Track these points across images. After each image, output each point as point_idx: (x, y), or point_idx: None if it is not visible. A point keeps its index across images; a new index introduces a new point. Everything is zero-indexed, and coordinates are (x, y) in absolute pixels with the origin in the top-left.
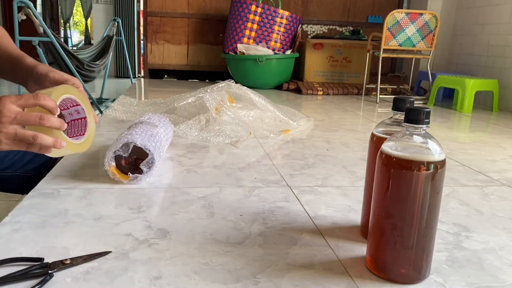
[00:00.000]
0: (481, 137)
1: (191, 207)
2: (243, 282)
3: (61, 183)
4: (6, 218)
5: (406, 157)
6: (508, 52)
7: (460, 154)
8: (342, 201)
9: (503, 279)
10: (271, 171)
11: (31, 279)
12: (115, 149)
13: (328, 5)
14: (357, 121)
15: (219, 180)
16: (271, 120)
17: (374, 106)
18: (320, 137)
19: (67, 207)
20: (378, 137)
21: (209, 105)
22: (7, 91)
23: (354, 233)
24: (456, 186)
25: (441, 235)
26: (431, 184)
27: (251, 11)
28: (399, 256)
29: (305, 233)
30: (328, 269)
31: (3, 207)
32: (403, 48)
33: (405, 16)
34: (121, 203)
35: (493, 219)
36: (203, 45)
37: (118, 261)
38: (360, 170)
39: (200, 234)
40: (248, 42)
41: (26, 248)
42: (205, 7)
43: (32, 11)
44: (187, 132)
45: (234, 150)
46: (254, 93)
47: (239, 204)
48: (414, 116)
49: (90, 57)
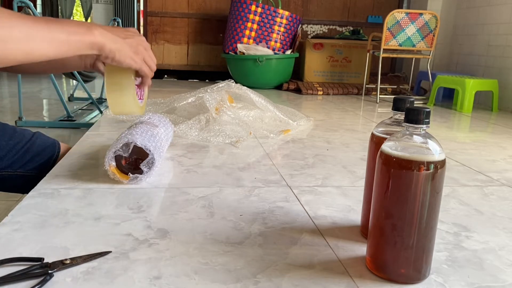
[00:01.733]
0: (481, 137)
1: (191, 207)
2: (243, 282)
3: (61, 183)
4: (6, 218)
5: (406, 157)
6: (508, 52)
7: (460, 154)
8: (342, 201)
9: (503, 279)
10: (271, 171)
11: (31, 279)
12: (115, 149)
13: (328, 5)
14: (357, 121)
15: (219, 180)
16: (271, 120)
17: (374, 106)
18: (320, 137)
19: (67, 207)
20: (378, 137)
21: (209, 105)
22: (7, 91)
23: (354, 233)
24: (456, 186)
25: (441, 235)
26: (431, 184)
27: (251, 11)
28: (399, 256)
29: (305, 233)
30: (328, 269)
31: (3, 207)
32: (403, 48)
33: (405, 16)
34: (121, 203)
35: (493, 219)
36: (203, 45)
37: (118, 261)
38: (360, 170)
39: (200, 234)
40: (248, 42)
41: (26, 248)
42: (205, 7)
43: (32, 11)
44: (187, 132)
45: (234, 150)
46: (254, 93)
47: (239, 204)
48: (414, 116)
49: None
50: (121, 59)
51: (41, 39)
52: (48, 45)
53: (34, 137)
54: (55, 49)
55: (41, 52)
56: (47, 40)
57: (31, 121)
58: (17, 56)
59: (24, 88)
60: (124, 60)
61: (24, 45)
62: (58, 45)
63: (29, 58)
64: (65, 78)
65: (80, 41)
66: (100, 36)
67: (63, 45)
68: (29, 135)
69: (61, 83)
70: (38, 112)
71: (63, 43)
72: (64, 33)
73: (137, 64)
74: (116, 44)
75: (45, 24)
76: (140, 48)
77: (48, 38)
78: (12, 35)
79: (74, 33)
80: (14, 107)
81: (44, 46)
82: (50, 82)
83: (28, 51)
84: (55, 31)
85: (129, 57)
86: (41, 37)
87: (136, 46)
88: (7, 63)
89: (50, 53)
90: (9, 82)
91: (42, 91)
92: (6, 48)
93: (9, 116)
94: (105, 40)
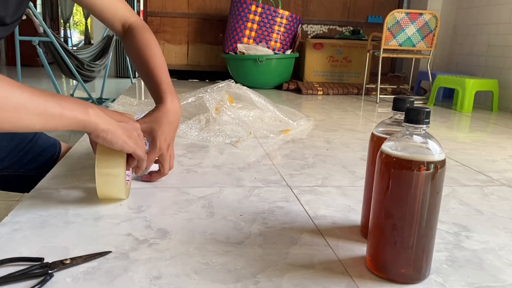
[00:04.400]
0: (481, 137)
1: (191, 207)
2: (243, 282)
3: (61, 183)
4: (6, 218)
5: (406, 157)
6: (508, 52)
7: (460, 154)
8: (342, 201)
9: (503, 279)
10: (271, 171)
11: (31, 279)
12: None
13: (328, 5)
14: (357, 121)
15: (219, 180)
16: (271, 120)
17: (374, 106)
18: (320, 137)
19: (67, 207)
20: (378, 137)
21: (209, 105)
22: None
23: (354, 233)
24: (456, 186)
25: (441, 235)
26: (431, 184)
27: (251, 11)
28: (399, 256)
29: (305, 233)
30: (328, 269)
31: (3, 207)
32: (403, 48)
33: (405, 16)
34: (121, 203)
35: (493, 219)
36: (203, 45)
37: (118, 261)
38: (360, 170)
39: (200, 234)
40: (248, 42)
41: (26, 248)
42: (205, 7)
43: (32, 11)
44: (187, 132)
45: (234, 150)
46: (254, 93)
47: (239, 204)
48: (414, 116)
49: (90, 57)
50: (113, 140)
51: (32, 111)
52: (38, 118)
53: (36, 137)
54: (44, 123)
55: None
56: (38, 113)
57: None
58: (3, 125)
59: None
60: (116, 142)
61: (13, 115)
62: (47, 119)
63: (15, 128)
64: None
65: (74, 118)
66: (94, 116)
67: (53, 119)
68: (30, 135)
69: (61, 83)
70: None
71: (53, 118)
72: (59, 108)
73: (130, 147)
74: (109, 125)
75: (42, 98)
76: (134, 134)
77: (40, 111)
78: (6, 104)
79: (69, 109)
80: None
81: (33, 119)
82: (50, 82)
83: (16, 122)
84: (50, 105)
85: (121, 139)
86: (33, 109)
87: (130, 130)
88: None
89: (36, 127)
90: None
91: None
92: None
93: None
94: (99, 121)
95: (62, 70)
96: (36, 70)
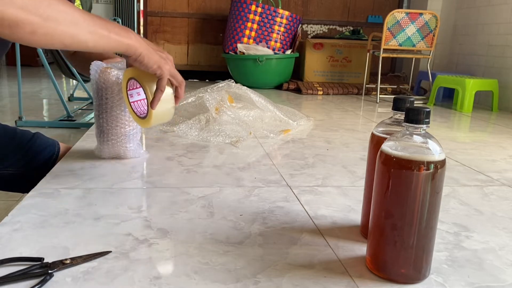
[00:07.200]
0: (481, 137)
1: (191, 207)
2: (243, 282)
3: (61, 183)
4: (6, 218)
5: (406, 157)
6: (508, 52)
7: (460, 154)
8: (342, 201)
9: (503, 279)
10: (271, 171)
11: (31, 279)
12: None
13: (328, 5)
14: (357, 121)
15: (219, 180)
16: (271, 120)
17: (374, 106)
18: (320, 137)
19: (67, 207)
20: (378, 137)
21: (209, 105)
22: (7, 90)
23: (354, 233)
24: (456, 186)
25: (441, 235)
26: (431, 184)
27: (251, 11)
28: (399, 256)
29: (305, 233)
30: (328, 269)
31: (3, 207)
32: (403, 48)
33: (405, 16)
34: (121, 203)
35: (493, 219)
36: (203, 45)
37: (118, 261)
38: (360, 170)
39: (200, 234)
40: (248, 42)
41: (26, 248)
42: (205, 7)
43: None
44: (187, 132)
45: (234, 150)
46: (254, 93)
47: (239, 204)
48: (414, 116)
49: None
50: (149, 63)
51: (86, 28)
52: (91, 36)
53: (34, 138)
54: (95, 41)
55: (83, 40)
56: (91, 31)
57: (31, 121)
58: (64, 39)
59: (24, 88)
60: (151, 66)
61: (72, 30)
62: (98, 38)
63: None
64: (65, 78)
65: (118, 40)
66: (136, 40)
67: (102, 39)
68: (29, 136)
69: (61, 83)
70: (38, 112)
71: (103, 38)
72: (106, 30)
73: (162, 72)
74: (147, 51)
75: (91, 19)
76: (169, 62)
77: (91, 30)
78: (65, 19)
79: (114, 32)
80: (14, 107)
81: (87, 36)
82: (50, 82)
83: (74, 36)
84: (99, 26)
85: (156, 64)
86: (86, 27)
87: (166, 59)
88: (53, 44)
89: (90, 44)
90: (9, 82)
91: (42, 91)
92: (57, 29)
93: (9, 116)
94: (139, 45)
95: (62, 70)
96: (36, 70)
